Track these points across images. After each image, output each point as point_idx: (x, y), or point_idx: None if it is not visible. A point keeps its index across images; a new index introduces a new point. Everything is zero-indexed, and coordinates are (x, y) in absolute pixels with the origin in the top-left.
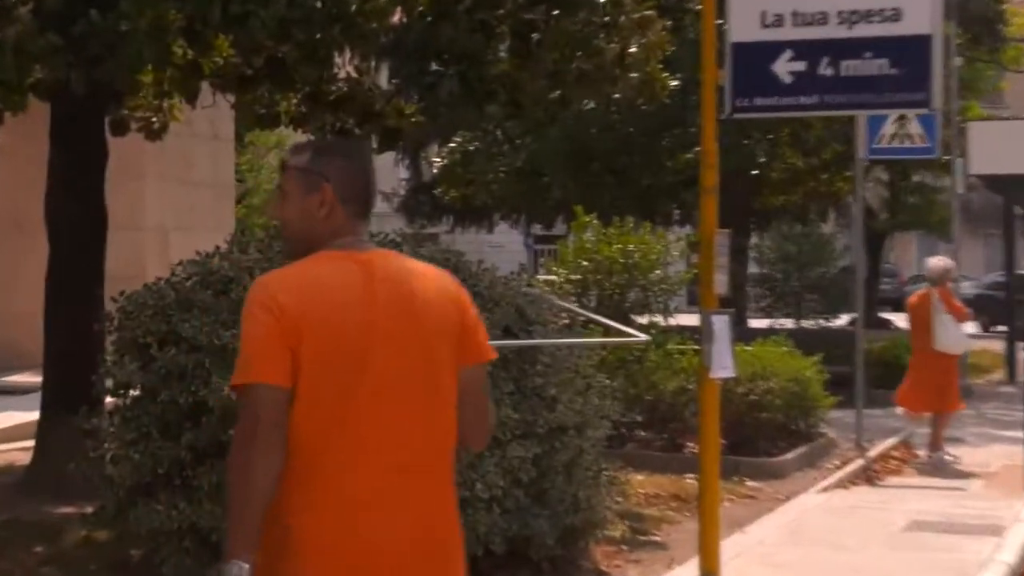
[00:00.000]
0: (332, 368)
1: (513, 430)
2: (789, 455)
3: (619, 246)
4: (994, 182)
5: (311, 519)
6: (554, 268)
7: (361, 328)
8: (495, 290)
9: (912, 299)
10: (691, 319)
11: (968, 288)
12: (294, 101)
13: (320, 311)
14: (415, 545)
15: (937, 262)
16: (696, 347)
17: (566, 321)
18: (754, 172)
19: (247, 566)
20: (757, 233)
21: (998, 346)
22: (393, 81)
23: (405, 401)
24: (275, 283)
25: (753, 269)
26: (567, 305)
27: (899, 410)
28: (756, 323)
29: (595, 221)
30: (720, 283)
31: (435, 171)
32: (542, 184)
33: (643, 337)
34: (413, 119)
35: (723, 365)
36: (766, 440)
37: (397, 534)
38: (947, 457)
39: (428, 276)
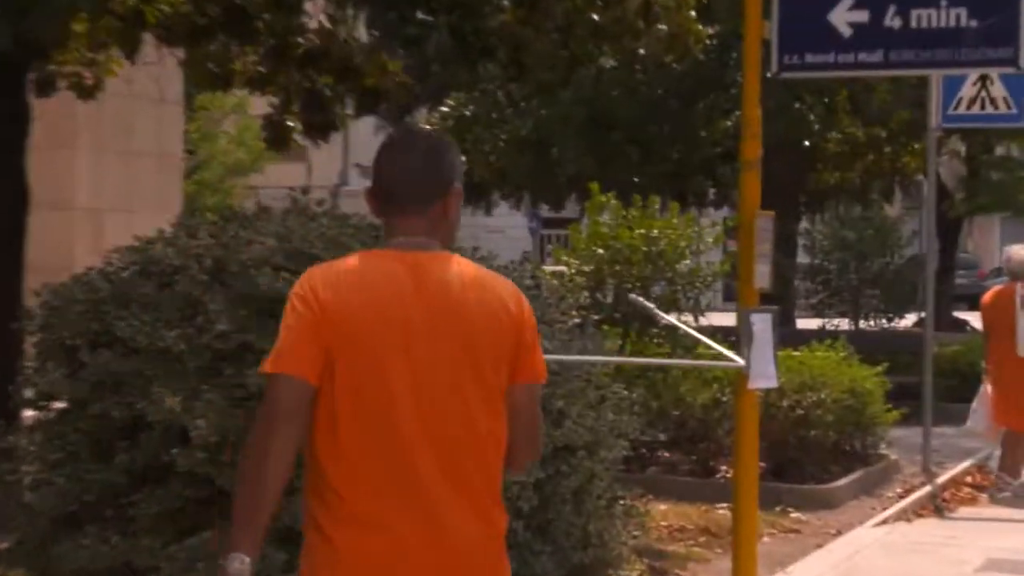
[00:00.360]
0: (368, 372)
1: None
2: (842, 481)
3: (642, 231)
4: None
5: (354, 535)
6: (564, 257)
7: (400, 333)
8: None
9: (987, 297)
10: (727, 318)
11: None
12: (252, 58)
13: (360, 312)
14: (453, 566)
15: (1020, 251)
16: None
17: (577, 320)
18: (805, 143)
19: (248, 559)
20: (808, 217)
21: None
22: (373, 33)
23: (443, 410)
24: (320, 277)
25: (803, 259)
26: (647, 304)
27: (979, 427)
28: (806, 323)
29: (613, 201)
30: (762, 275)
31: None
32: (551, 157)
33: (739, 361)
34: (397, 78)
35: (764, 373)
36: (814, 463)
37: (437, 554)
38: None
39: (486, 285)
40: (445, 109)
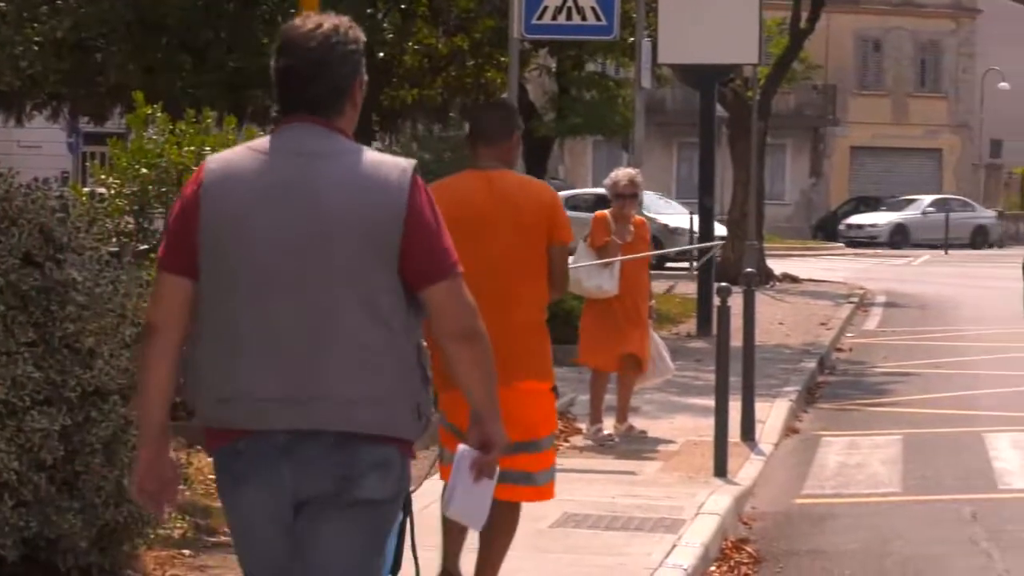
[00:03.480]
0: (463, 238)
1: (34, 393)
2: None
3: (193, 148)
4: (690, 74)
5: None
6: (103, 176)
7: (481, 214)
8: (12, 203)
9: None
10: None
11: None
12: None
13: (452, 202)
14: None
15: (622, 175)
16: None
17: (115, 248)
18: (379, 55)
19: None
20: (382, 136)
21: (690, 289)
22: None
23: (511, 264)
24: (435, 186)
25: None
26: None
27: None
28: None
29: (161, 114)
30: None
31: None
32: (93, 62)
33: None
34: None
35: None
36: None
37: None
38: (633, 431)
39: (530, 186)
40: None
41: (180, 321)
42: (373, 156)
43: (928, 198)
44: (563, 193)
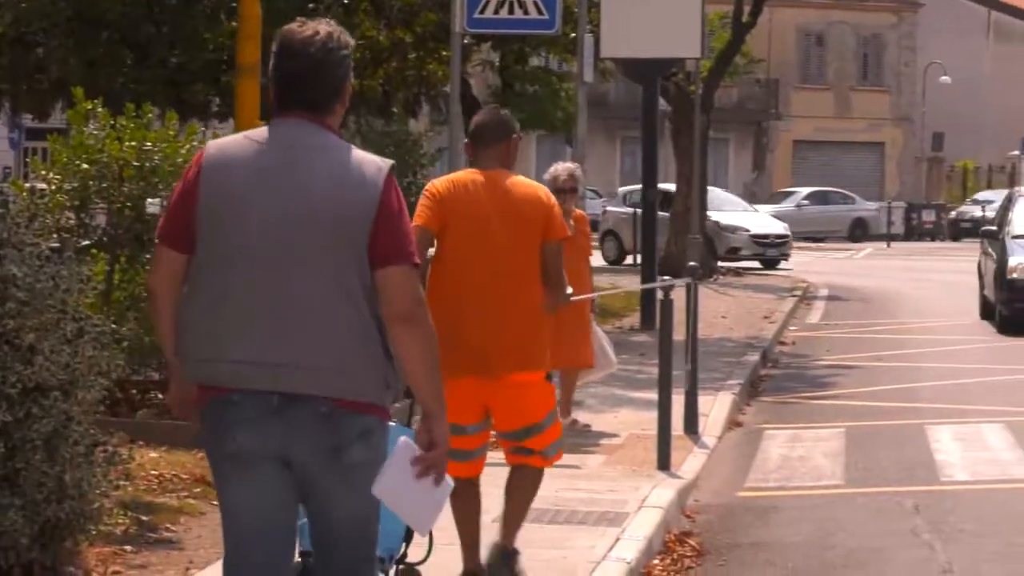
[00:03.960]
0: (463, 234)
1: None
2: None
3: (133, 143)
4: (632, 68)
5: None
6: (44, 172)
7: (483, 212)
8: None
9: None
10: None
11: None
12: None
13: (456, 198)
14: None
15: (557, 169)
16: None
17: (56, 244)
18: None
19: None
20: None
21: (633, 282)
22: None
23: (507, 257)
24: (438, 182)
25: None
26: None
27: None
28: None
29: (101, 109)
30: None
31: None
32: (34, 57)
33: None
34: None
35: None
36: None
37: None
38: (577, 425)
39: (528, 187)
40: None
41: (174, 287)
42: (356, 153)
43: (805, 190)
44: None
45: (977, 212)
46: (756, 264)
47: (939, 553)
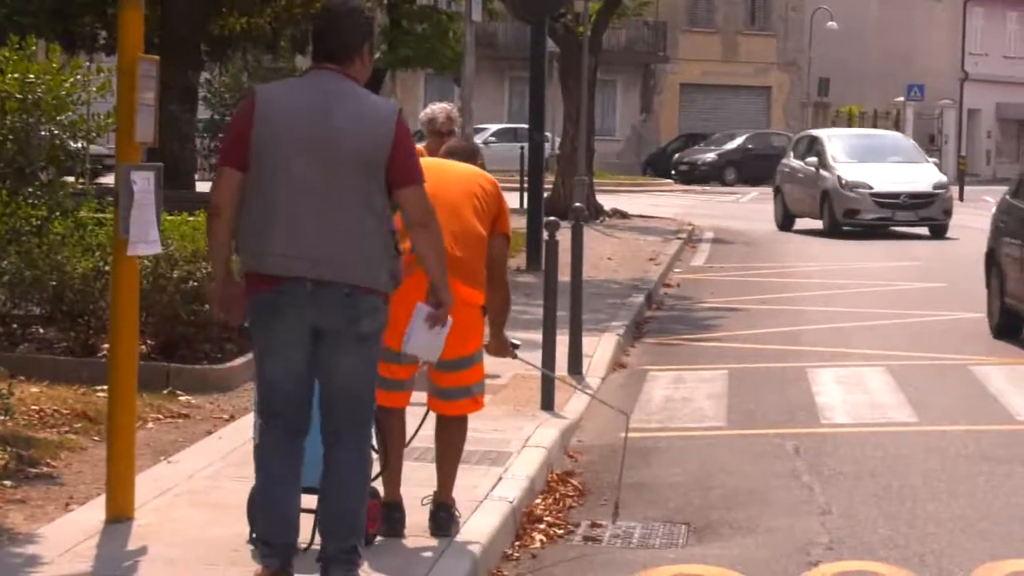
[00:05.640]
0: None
1: None
2: (238, 361)
3: (16, 76)
4: (520, 9)
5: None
6: None
7: (434, 186)
8: None
9: None
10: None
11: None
12: None
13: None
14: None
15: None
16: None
17: None
18: None
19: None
20: (211, 67)
21: (519, 224)
22: None
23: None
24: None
25: (205, 115)
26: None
27: None
28: (207, 185)
29: None
30: (144, 128)
31: None
32: None
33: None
34: None
35: (146, 238)
36: (209, 341)
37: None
38: None
39: (465, 171)
40: None
41: (234, 202)
42: (374, 98)
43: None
44: None
45: None
46: (622, 206)
47: (818, 494)
